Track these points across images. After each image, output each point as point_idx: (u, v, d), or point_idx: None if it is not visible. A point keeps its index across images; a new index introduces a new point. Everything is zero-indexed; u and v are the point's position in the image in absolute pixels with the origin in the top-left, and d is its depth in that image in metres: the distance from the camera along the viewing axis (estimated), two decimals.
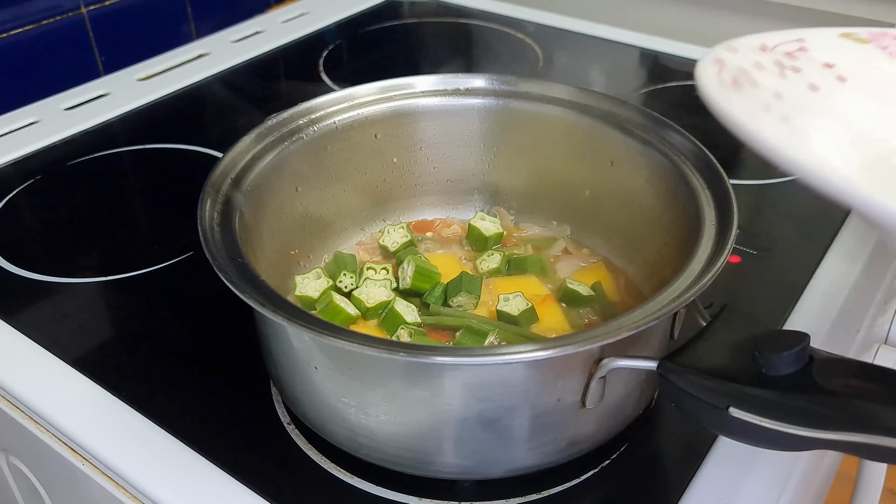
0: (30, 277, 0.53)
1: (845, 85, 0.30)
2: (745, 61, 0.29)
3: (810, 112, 0.28)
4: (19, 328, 0.49)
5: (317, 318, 0.34)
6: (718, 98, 0.25)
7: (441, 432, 0.36)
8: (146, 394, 0.44)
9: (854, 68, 0.31)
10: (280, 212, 0.47)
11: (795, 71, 0.30)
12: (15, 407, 0.45)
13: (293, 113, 0.48)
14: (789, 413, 0.30)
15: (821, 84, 0.30)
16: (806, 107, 0.28)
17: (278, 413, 0.43)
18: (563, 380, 0.35)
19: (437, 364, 0.34)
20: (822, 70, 0.31)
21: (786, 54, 0.30)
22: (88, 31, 0.80)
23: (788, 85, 0.29)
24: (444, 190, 0.53)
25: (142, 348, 0.48)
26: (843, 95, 0.30)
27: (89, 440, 0.41)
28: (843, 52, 0.32)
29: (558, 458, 0.38)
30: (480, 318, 0.44)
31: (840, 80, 0.30)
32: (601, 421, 0.38)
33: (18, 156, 0.67)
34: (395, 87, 0.51)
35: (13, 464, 0.50)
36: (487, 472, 0.38)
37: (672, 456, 0.42)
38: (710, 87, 0.25)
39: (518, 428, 0.36)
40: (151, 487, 0.39)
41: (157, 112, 0.74)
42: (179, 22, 0.88)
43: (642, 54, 0.84)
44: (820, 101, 0.29)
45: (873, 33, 0.34)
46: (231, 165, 0.44)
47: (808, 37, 0.32)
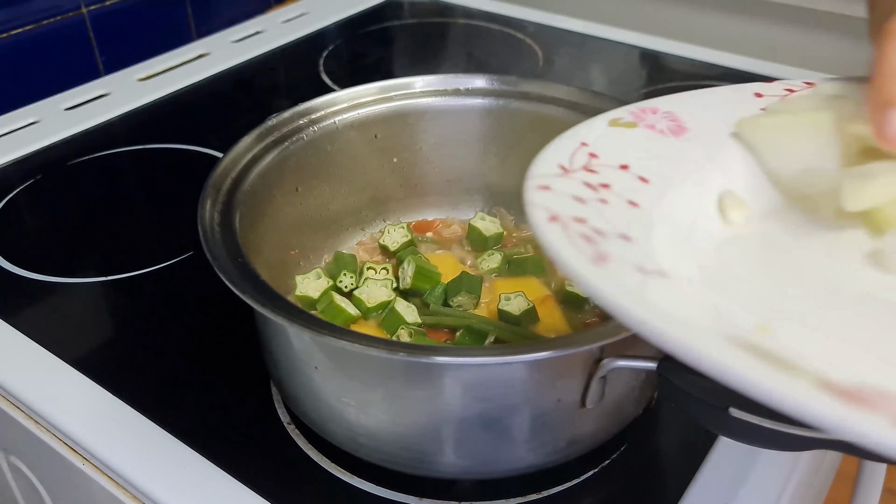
0: (30, 277, 0.53)
1: (650, 187, 0.31)
2: (568, 203, 0.29)
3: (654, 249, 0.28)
4: (19, 328, 0.49)
5: (317, 319, 0.34)
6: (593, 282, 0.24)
7: (441, 432, 0.36)
8: (146, 394, 0.44)
9: (642, 162, 0.32)
10: (280, 212, 0.47)
11: (606, 188, 0.30)
12: (15, 407, 0.45)
13: (293, 113, 0.48)
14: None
15: (635, 196, 0.30)
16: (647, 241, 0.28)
17: (278, 413, 0.43)
18: (563, 380, 0.35)
19: (437, 364, 0.34)
20: (622, 176, 0.31)
21: (584, 169, 0.31)
22: (89, 31, 0.80)
23: (616, 213, 0.29)
24: (445, 190, 0.53)
25: (142, 348, 0.48)
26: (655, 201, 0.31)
27: (89, 440, 0.41)
28: (623, 145, 0.33)
29: (558, 457, 0.38)
30: (481, 318, 0.44)
31: (643, 182, 0.31)
32: (601, 421, 0.38)
33: (19, 156, 0.67)
34: (396, 87, 0.51)
35: (13, 463, 0.50)
36: (487, 471, 0.38)
37: (672, 456, 0.42)
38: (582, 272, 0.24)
39: (518, 428, 0.36)
40: (151, 487, 0.39)
41: (157, 112, 0.74)
42: (180, 22, 0.88)
43: (642, 54, 0.84)
44: (646, 220, 0.30)
45: (634, 112, 0.35)
46: (231, 165, 0.44)
47: (588, 138, 0.33)
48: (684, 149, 0.34)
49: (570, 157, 0.31)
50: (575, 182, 0.30)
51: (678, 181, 0.32)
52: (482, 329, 0.43)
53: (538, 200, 0.28)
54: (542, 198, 0.28)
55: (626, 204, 0.30)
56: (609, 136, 0.33)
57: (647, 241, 0.28)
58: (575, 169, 0.31)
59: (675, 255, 0.29)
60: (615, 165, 0.32)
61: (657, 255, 0.28)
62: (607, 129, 0.34)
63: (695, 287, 0.27)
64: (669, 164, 0.33)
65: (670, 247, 0.29)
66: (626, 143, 0.33)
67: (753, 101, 0.36)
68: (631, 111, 0.35)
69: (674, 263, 0.28)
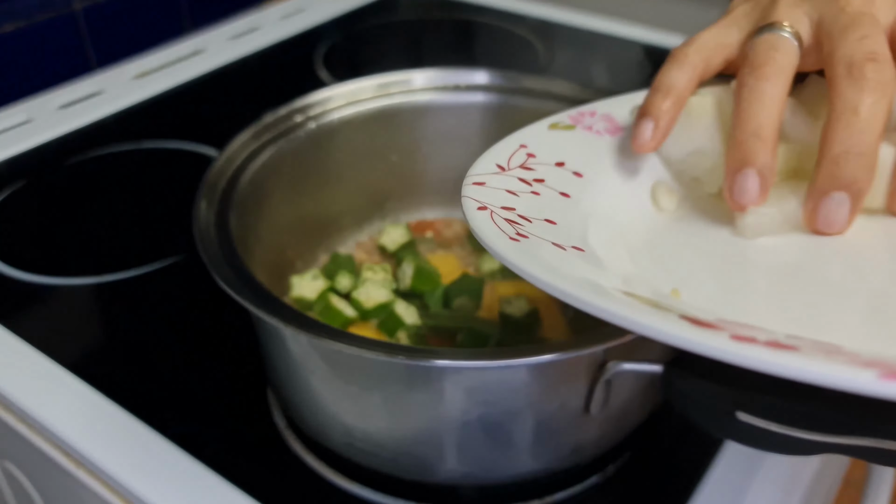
0: (22, 278, 0.53)
1: (583, 180, 0.34)
2: (500, 196, 0.31)
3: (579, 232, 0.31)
4: (12, 329, 0.48)
5: (314, 321, 0.34)
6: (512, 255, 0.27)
7: (441, 437, 0.35)
8: (141, 397, 0.43)
9: (578, 159, 0.35)
10: (277, 211, 0.46)
11: (540, 182, 0.33)
12: (8, 410, 0.45)
13: (290, 109, 0.47)
14: (797, 417, 0.30)
15: (567, 188, 0.33)
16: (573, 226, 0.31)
17: (275, 417, 0.43)
18: (566, 384, 0.34)
19: (437, 367, 0.33)
20: (558, 172, 0.34)
21: (521, 167, 0.34)
22: (82, 28, 0.79)
23: (546, 202, 0.32)
24: (445, 188, 0.53)
25: (136, 351, 0.48)
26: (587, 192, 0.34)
27: (83, 444, 0.41)
28: (561, 145, 0.35)
29: (562, 464, 0.38)
30: (482, 321, 0.44)
31: (577, 176, 0.34)
32: (605, 426, 0.37)
33: (10, 155, 0.66)
34: (394, 82, 0.50)
35: (7, 469, 0.49)
36: (489, 477, 0.38)
37: (678, 462, 0.41)
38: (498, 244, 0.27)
39: (520, 433, 0.35)
40: (146, 492, 0.38)
41: (152, 110, 0.73)
42: (174, 18, 0.88)
43: (645, 49, 0.83)
44: (575, 208, 0.32)
45: (573, 116, 0.37)
46: (227, 163, 0.43)
47: (526, 141, 0.35)
48: (618, 145, 0.36)
49: (508, 158, 0.34)
50: (510, 178, 0.33)
51: (611, 173, 0.35)
52: (483, 332, 0.42)
53: (471, 194, 0.31)
54: (474, 192, 0.31)
55: (557, 195, 0.33)
56: (548, 137, 0.36)
57: (571, 225, 0.31)
58: (512, 168, 0.34)
59: (601, 238, 0.31)
60: (551, 163, 0.34)
61: (579, 236, 0.30)
62: (547, 132, 0.36)
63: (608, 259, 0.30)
64: (604, 159, 0.35)
65: (597, 232, 0.31)
66: (563, 144, 0.36)
67: None
68: (570, 115, 0.37)
69: (597, 244, 0.30)
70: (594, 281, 0.26)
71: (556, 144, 0.35)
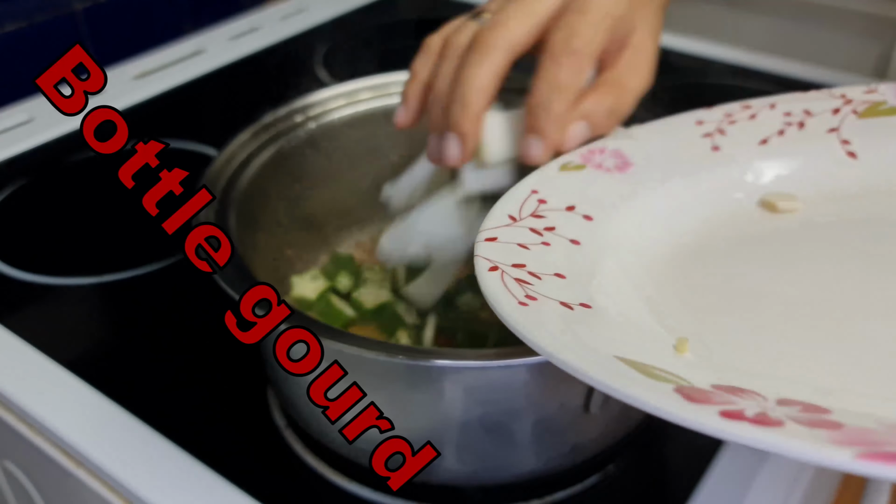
0: (23, 278, 0.53)
1: (593, 224, 0.34)
2: (511, 251, 0.31)
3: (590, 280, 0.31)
4: (12, 329, 0.48)
5: (314, 321, 0.34)
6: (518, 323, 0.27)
7: (442, 437, 0.35)
8: (141, 397, 0.43)
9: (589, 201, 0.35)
10: (276, 211, 0.46)
11: (551, 230, 0.33)
12: (8, 410, 0.45)
13: (290, 109, 0.47)
14: None
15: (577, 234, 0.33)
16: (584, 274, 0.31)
17: (275, 417, 0.43)
18: (566, 384, 0.34)
19: (437, 367, 0.33)
20: (568, 217, 0.34)
21: (532, 216, 0.34)
22: (82, 28, 0.79)
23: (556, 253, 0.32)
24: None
25: (137, 351, 0.48)
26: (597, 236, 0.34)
27: (83, 444, 0.41)
28: (571, 188, 0.35)
29: (562, 463, 0.38)
30: (481, 321, 0.43)
31: (587, 220, 0.34)
32: (605, 425, 0.37)
33: (11, 154, 0.66)
34: (394, 82, 0.50)
35: (7, 468, 0.49)
36: (489, 477, 0.38)
37: (677, 461, 0.41)
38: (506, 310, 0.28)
39: (521, 432, 0.35)
40: (146, 492, 0.38)
41: (152, 109, 0.73)
42: (175, 18, 0.88)
43: None
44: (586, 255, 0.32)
45: (584, 155, 0.37)
46: (227, 163, 0.43)
47: (537, 186, 0.35)
48: (628, 183, 0.36)
49: (520, 207, 0.34)
50: (521, 230, 0.33)
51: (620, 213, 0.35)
52: (482, 332, 0.42)
53: (483, 252, 0.31)
54: (487, 250, 0.31)
55: (567, 243, 0.33)
56: (558, 180, 0.36)
57: (581, 274, 0.31)
58: (523, 217, 0.34)
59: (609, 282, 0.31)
60: (562, 208, 0.34)
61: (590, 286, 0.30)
62: (557, 174, 0.36)
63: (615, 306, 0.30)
64: (613, 199, 0.35)
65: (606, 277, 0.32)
66: (573, 185, 0.36)
67: (695, 129, 0.39)
68: (581, 154, 0.37)
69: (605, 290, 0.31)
70: (595, 347, 0.26)
71: (567, 187, 0.35)
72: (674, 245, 0.34)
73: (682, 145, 0.38)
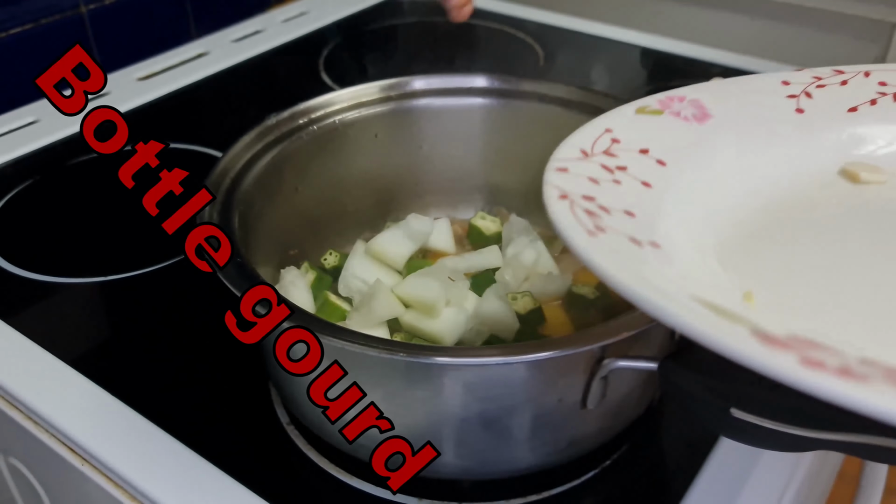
0: (28, 277, 0.53)
1: (666, 169, 0.33)
2: (582, 183, 0.31)
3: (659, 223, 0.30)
4: (18, 328, 0.48)
5: (316, 318, 0.34)
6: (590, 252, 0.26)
7: (441, 433, 0.36)
8: (146, 394, 0.44)
9: (663, 146, 0.34)
10: (279, 211, 0.46)
11: (623, 170, 0.32)
12: (14, 407, 0.45)
13: (293, 112, 0.47)
14: (791, 414, 0.30)
15: (650, 177, 0.32)
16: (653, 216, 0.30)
17: (277, 413, 0.43)
18: (564, 380, 0.35)
19: (437, 364, 0.33)
20: (641, 159, 0.33)
21: (605, 153, 0.33)
22: (88, 30, 0.80)
23: (627, 192, 0.31)
24: (445, 189, 0.53)
25: (140, 348, 0.48)
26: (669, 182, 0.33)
27: (88, 440, 0.41)
28: (646, 132, 0.35)
29: (559, 458, 0.38)
30: None
31: (660, 165, 0.33)
32: (602, 421, 0.38)
33: (17, 155, 0.67)
34: (396, 86, 0.50)
35: (12, 464, 0.50)
36: (488, 472, 0.38)
37: (674, 456, 0.42)
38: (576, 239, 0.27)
39: (519, 428, 0.36)
40: (151, 488, 0.39)
41: (156, 111, 0.74)
42: (179, 21, 0.88)
43: (643, 53, 0.83)
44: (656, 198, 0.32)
45: (662, 101, 0.36)
46: (231, 165, 0.44)
47: (612, 125, 0.34)
48: (706, 134, 0.35)
49: (593, 143, 0.33)
50: (593, 165, 0.32)
51: (696, 164, 0.34)
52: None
53: (553, 180, 0.30)
54: (557, 178, 0.31)
55: (639, 184, 0.32)
56: (634, 122, 0.35)
57: (651, 216, 0.30)
58: (595, 153, 0.33)
59: (679, 231, 0.30)
60: (635, 150, 0.33)
61: (657, 230, 0.29)
62: (633, 117, 0.35)
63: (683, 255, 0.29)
64: (689, 148, 0.34)
65: (676, 224, 0.31)
66: (649, 130, 0.35)
67: (780, 89, 0.37)
68: (659, 99, 0.36)
69: (674, 237, 0.30)
70: (665, 285, 0.25)
71: (642, 130, 0.34)
72: (746, 202, 0.33)
73: (764, 103, 0.36)
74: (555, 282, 0.45)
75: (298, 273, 0.45)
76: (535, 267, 0.46)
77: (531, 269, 0.46)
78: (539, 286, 0.45)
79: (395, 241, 0.47)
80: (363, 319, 0.42)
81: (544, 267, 0.46)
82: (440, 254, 0.50)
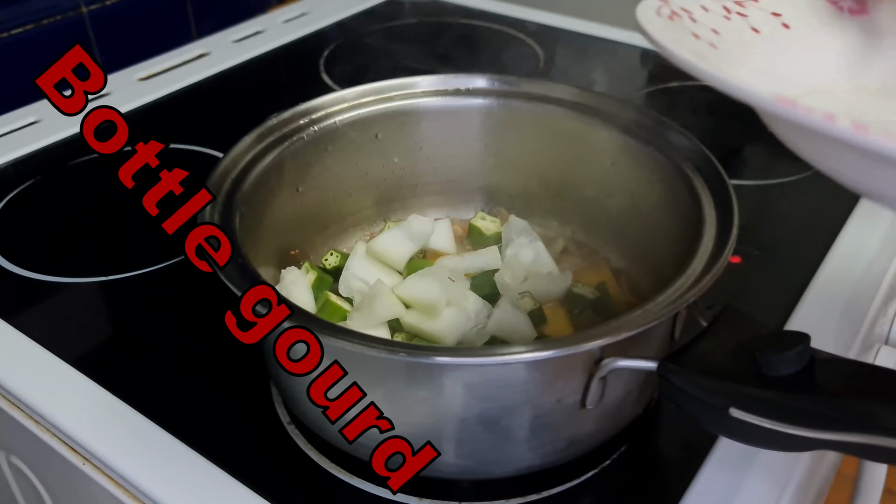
0: (30, 277, 0.53)
1: (789, 32, 0.32)
2: (690, 2, 0.30)
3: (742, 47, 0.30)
4: (19, 327, 0.49)
5: (317, 318, 0.34)
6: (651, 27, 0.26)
7: (441, 432, 0.36)
8: (146, 394, 0.44)
9: (800, 19, 0.33)
10: (280, 211, 0.46)
11: (741, 15, 0.31)
12: (15, 406, 0.45)
13: (294, 113, 0.48)
14: (789, 414, 0.30)
15: (763, 28, 0.31)
16: (740, 42, 0.30)
17: (278, 413, 0.43)
18: (563, 380, 0.35)
19: (437, 364, 0.33)
20: (767, 17, 0.32)
21: (735, 2, 0.32)
22: (88, 31, 0.80)
23: (730, 25, 0.30)
24: (445, 190, 0.53)
25: (141, 348, 0.48)
26: (783, 41, 0.32)
27: (89, 439, 0.41)
28: (794, 3, 0.33)
29: (558, 458, 0.38)
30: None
31: (784, 27, 0.32)
32: (601, 421, 0.38)
33: (19, 156, 0.67)
34: (396, 87, 0.51)
35: (13, 463, 0.50)
36: (487, 472, 0.38)
37: (672, 456, 0.42)
38: (645, 18, 0.27)
39: (518, 428, 0.36)
40: (151, 487, 0.39)
41: (157, 112, 0.74)
42: (180, 22, 0.88)
43: (643, 54, 0.83)
44: (757, 41, 0.31)
45: None
46: (231, 165, 0.44)
47: None
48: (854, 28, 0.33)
49: None
50: (714, 2, 0.31)
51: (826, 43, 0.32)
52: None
53: None
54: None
55: (747, 27, 0.31)
56: None
57: (730, 40, 0.30)
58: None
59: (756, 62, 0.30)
60: (768, 11, 0.32)
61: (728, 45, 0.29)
62: None
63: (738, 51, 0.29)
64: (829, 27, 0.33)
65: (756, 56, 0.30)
66: (797, 3, 0.33)
67: None
68: None
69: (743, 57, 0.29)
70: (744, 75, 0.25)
71: (790, 2, 0.33)
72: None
73: None
74: (554, 282, 0.46)
75: (299, 273, 0.45)
76: (533, 267, 0.46)
77: (530, 269, 0.46)
78: (539, 286, 0.45)
79: (395, 241, 0.47)
80: (364, 320, 0.42)
81: (543, 267, 0.47)
82: (440, 254, 0.50)
